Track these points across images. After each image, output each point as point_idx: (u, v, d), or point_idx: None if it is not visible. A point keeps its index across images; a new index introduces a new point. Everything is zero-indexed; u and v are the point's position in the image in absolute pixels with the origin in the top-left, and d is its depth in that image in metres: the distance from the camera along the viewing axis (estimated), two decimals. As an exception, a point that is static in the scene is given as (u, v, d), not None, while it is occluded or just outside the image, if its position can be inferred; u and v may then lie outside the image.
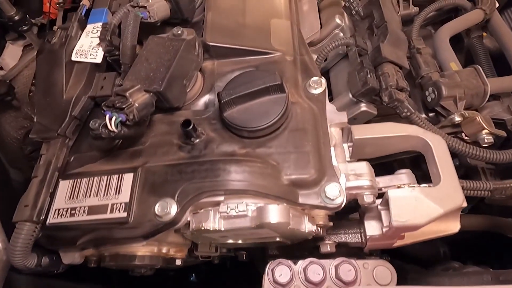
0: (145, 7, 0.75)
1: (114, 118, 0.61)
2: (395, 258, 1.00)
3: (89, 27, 0.86)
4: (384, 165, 0.95)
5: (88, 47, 0.82)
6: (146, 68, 0.70)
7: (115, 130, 0.62)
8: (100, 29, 0.81)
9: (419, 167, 1.09)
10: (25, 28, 1.46)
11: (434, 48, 0.94)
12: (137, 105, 0.63)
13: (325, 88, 0.76)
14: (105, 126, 0.62)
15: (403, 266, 1.05)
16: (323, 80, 0.76)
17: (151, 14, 0.75)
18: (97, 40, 0.81)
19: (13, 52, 1.46)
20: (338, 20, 0.98)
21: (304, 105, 0.73)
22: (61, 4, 1.37)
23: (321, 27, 1.00)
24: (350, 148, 0.80)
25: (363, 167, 0.71)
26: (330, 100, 0.94)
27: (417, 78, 0.88)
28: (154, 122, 0.75)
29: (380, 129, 0.74)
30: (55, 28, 0.96)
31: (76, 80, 0.78)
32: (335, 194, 0.63)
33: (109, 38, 0.78)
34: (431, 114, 0.92)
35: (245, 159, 0.66)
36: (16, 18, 1.39)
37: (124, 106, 0.61)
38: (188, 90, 0.76)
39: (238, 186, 0.62)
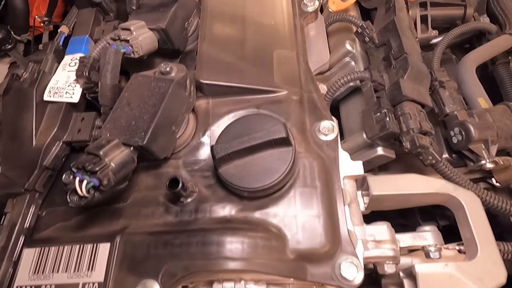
0: (127, 41, 0.64)
1: (85, 182, 0.51)
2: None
3: (67, 58, 0.76)
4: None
5: (64, 83, 0.71)
6: (127, 114, 0.59)
7: (87, 195, 0.51)
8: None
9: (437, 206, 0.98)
10: (9, 47, 1.36)
11: (458, 79, 0.83)
12: (113, 165, 0.52)
13: (337, 134, 0.65)
14: (75, 191, 0.51)
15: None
16: (335, 124, 0.66)
17: (135, 49, 0.65)
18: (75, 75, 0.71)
19: (-2, 70, 1.36)
20: (348, 47, 0.87)
21: (313, 156, 0.62)
22: (46, 23, 1.27)
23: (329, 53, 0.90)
24: (365, 198, 0.70)
25: (384, 232, 0.60)
26: (341, 137, 0.84)
27: (441, 116, 0.77)
28: (138, 173, 0.65)
29: (403, 184, 0.63)
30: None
31: (49, 124, 0.67)
32: (352, 273, 0.52)
33: (86, 74, 0.67)
34: (454, 155, 0.81)
35: (243, 228, 0.55)
36: (-1, 36, 1.30)
37: (97, 169, 0.50)
38: (178, 137, 0.65)
39: (235, 266, 0.51)
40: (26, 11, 1.36)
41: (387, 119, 0.68)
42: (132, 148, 0.56)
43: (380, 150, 0.74)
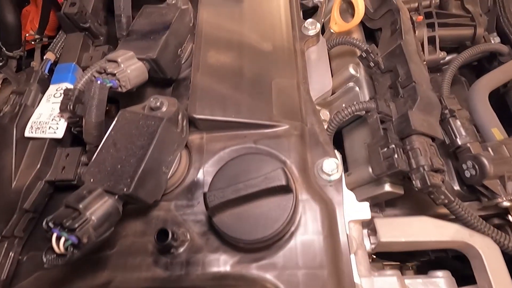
0: (114, 75, 0.59)
1: (63, 239, 0.46)
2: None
3: (52, 89, 0.71)
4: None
5: (47, 117, 0.66)
6: (112, 156, 0.54)
7: (65, 253, 0.46)
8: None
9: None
10: (0, 64, 1.32)
11: (469, 107, 0.78)
12: (94, 220, 0.47)
13: (341, 174, 0.60)
14: (51, 249, 0.46)
15: None
16: (339, 162, 0.61)
17: (122, 83, 0.60)
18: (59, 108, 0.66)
19: (-11, 88, 1.32)
20: (352, 71, 0.83)
21: (315, 199, 0.57)
22: (37, 40, 1.23)
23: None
24: (372, 237, 0.65)
25: (394, 285, 0.55)
26: (345, 168, 0.78)
27: (452, 148, 0.72)
28: (126, 216, 0.59)
29: (414, 229, 0.58)
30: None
31: (30, 162, 0.63)
32: None
33: (71, 108, 0.62)
34: (466, 188, 0.76)
35: (238, 286, 0.50)
36: (-12, 55, 1.26)
37: (76, 226, 0.45)
38: (169, 177, 0.60)
39: (229, 333, 0.46)
40: (18, 26, 1.32)
41: (396, 156, 0.62)
42: (116, 197, 0.51)
43: (387, 187, 0.69)
